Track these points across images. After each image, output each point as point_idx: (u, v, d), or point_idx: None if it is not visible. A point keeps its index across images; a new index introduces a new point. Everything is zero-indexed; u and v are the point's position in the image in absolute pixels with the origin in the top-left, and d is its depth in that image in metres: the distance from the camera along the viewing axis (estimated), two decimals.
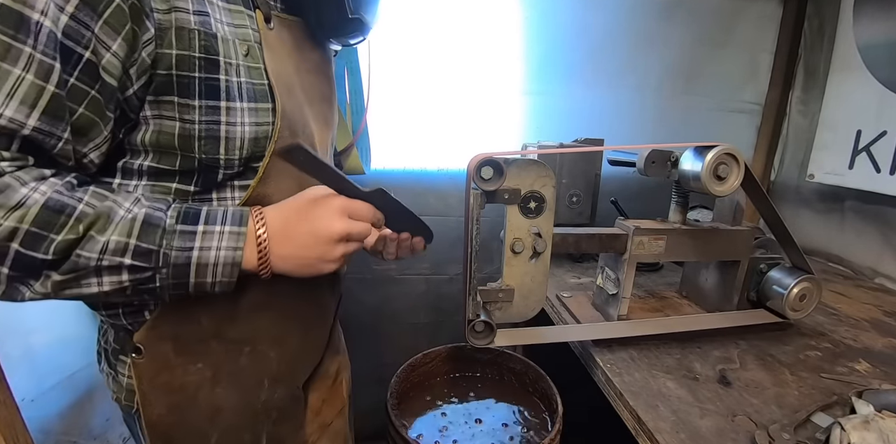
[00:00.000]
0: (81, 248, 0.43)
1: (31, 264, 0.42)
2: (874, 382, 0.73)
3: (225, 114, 0.51)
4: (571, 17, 1.38)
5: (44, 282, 0.43)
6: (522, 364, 0.99)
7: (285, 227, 0.52)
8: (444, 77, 1.34)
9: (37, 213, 0.41)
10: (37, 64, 0.40)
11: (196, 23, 0.48)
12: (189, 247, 0.47)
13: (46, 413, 0.93)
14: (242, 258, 0.49)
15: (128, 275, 0.46)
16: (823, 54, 1.38)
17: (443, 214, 1.44)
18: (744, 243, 0.86)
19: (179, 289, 0.48)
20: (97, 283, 0.45)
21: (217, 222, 0.49)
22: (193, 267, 0.47)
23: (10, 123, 0.40)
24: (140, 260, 0.45)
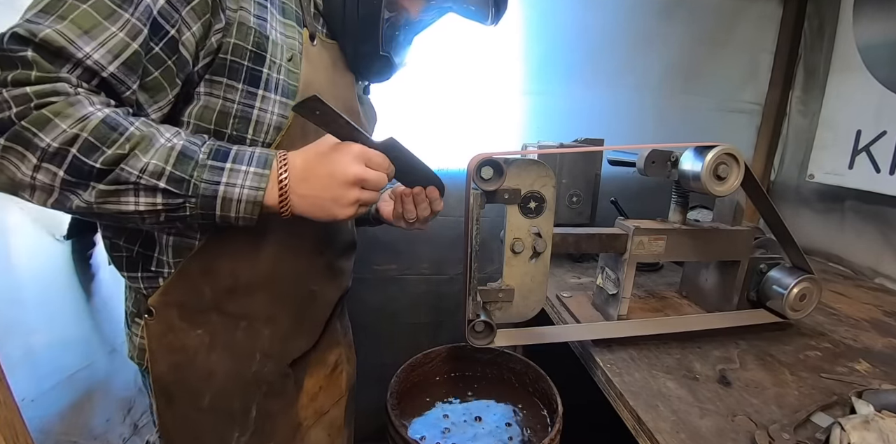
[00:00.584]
0: (126, 163, 0.48)
1: (82, 170, 0.47)
2: (874, 382, 0.73)
3: (260, 101, 0.60)
4: (571, 17, 1.38)
5: (90, 191, 0.48)
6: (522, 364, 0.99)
7: (305, 168, 0.56)
8: (443, 77, 1.34)
9: (96, 125, 0.47)
10: (130, 26, 0.49)
11: (254, 23, 0.59)
12: (216, 181, 0.52)
13: (46, 413, 0.93)
14: (264, 198, 0.54)
15: (161, 198, 0.50)
16: (823, 54, 1.38)
17: (443, 214, 1.41)
18: (744, 243, 0.86)
19: (207, 219, 0.53)
20: (134, 202, 0.50)
21: (244, 162, 0.54)
22: (219, 200, 0.52)
23: (94, 65, 0.49)
24: (173, 186, 0.50)
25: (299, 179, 0.56)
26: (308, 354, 0.81)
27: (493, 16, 0.76)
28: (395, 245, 1.43)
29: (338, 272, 0.82)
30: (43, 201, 0.49)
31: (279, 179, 0.55)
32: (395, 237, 1.42)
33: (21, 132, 0.45)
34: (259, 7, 0.60)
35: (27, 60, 0.46)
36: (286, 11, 0.64)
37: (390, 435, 0.86)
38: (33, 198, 0.49)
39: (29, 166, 0.46)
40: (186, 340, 0.66)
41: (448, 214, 1.44)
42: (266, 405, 0.73)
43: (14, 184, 0.47)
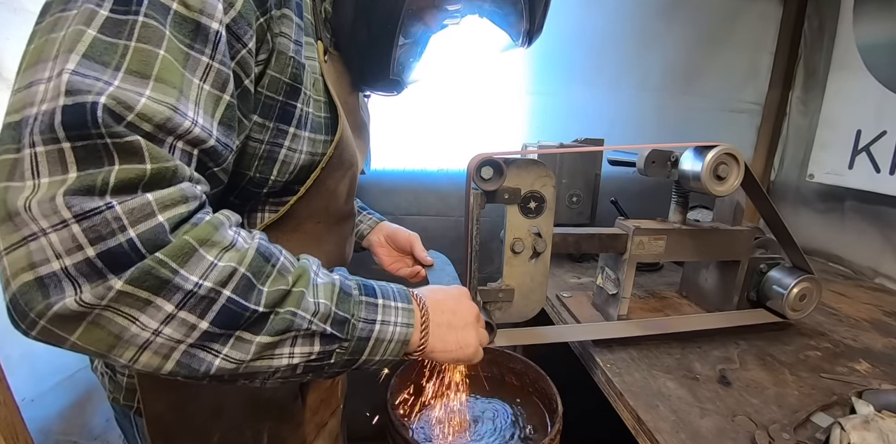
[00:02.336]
0: (297, 305, 0.39)
1: (238, 316, 0.36)
2: (874, 382, 0.73)
3: (290, 139, 0.52)
4: (572, 16, 1.38)
5: (240, 346, 0.37)
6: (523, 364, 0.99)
7: (436, 303, 0.53)
8: (444, 77, 1.34)
9: (253, 256, 0.38)
10: (214, 73, 0.39)
11: (293, 51, 0.49)
12: (373, 319, 0.46)
13: (46, 413, 0.93)
14: (412, 336, 0.48)
15: (318, 346, 0.42)
16: (823, 54, 1.38)
17: (443, 215, 1.44)
18: (744, 243, 0.86)
19: (345, 366, 0.46)
20: (289, 354, 0.40)
21: (390, 297, 0.49)
22: (371, 342, 0.45)
23: (202, 132, 0.37)
24: (336, 329, 0.42)
25: (433, 310, 0.52)
26: None
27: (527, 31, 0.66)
28: None
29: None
30: (154, 366, 0.35)
31: (422, 314, 0.50)
32: None
33: (155, 270, 0.32)
34: (297, 30, 0.50)
35: (134, 148, 0.32)
36: (306, 26, 0.54)
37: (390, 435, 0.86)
38: (136, 363, 0.34)
39: (155, 318, 0.33)
40: None
41: (448, 215, 1.44)
42: (277, 429, 0.68)
43: (114, 344, 0.33)
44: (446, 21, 0.66)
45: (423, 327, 0.50)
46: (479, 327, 0.57)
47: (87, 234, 0.31)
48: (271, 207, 0.58)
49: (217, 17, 0.38)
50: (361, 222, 0.93)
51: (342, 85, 0.65)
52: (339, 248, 0.71)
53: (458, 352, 0.53)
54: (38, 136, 0.30)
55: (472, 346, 0.54)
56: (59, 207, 0.30)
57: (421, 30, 0.64)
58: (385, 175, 1.38)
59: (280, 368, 0.40)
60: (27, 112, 0.31)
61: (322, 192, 0.60)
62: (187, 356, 0.36)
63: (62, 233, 0.30)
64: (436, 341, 0.51)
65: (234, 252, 0.37)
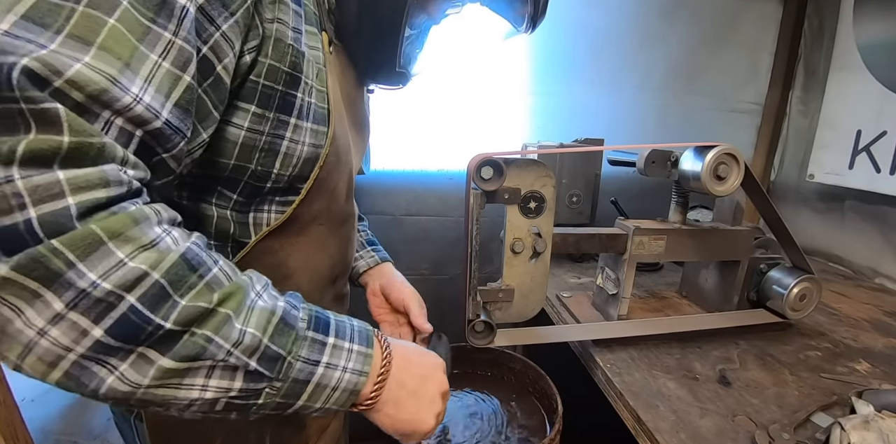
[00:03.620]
0: (215, 329, 0.33)
1: (137, 330, 0.30)
2: (874, 382, 0.73)
3: (291, 130, 0.50)
4: (573, 16, 1.38)
5: (139, 366, 0.31)
6: (522, 364, 0.99)
7: (405, 358, 0.47)
8: (444, 77, 1.34)
9: (175, 262, 0.32)
10: (176, 50, 0.35)
11: (291, 38, 0.47)
12: (315, 361, 0.39)
13: (46, 413, 0.93)
14: (364, 386, 0.42)
15: (241, 383, 0.36)
16: (823, 54, 1.38)
17: (443, 215, 1.44)
18: (744, 243, 0.86)
19: (278, 409, 0.40)
20: (201, 386, 0.34)
21: (346, 337, 0.42)
22: (311, 387, 0.39)
23: (146, 111, 0.33)
24: (265, 366, 0.36)
25: (399, 366, 0.45)
26: None
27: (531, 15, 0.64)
28: (395, 246, 1.43)
29: (344, 296, 0.79)
30: (41, 373, 0.30)
31: (383, 363, 0.43)
32: (394, 238, 1.42)
33: (46, 258, 0.28)
34: (295, 17, 0.48)
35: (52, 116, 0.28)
36: (308, 15, 0.52)
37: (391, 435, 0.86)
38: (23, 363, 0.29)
39: (42, 315, 0.28)
40: None
41: (448, 215, 1.44)
42: (280, 433, 0.66)
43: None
44: (448, 10, 0.65)
45: (379, 379, 0.43)
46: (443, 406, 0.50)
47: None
48: (277, 207, 0.57)
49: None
50: (361, 258, 0.86)
51: (347, 78, 0.64)
52: (342, 252, 0.70)
53: (408, 424, 0.46)
54: None
55: (427, 425, 0.47)
56: None
57: (423, 20, 0.64)
58: (385, 175, 1.38)
59: (191, 400, 0.34)
60: None
61: (323, 192, 0.59)
62: (77, 368, 0.30)
63: None
64: (388, 401, 0.44)
65: (151, 252, 0.31)
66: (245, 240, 0.55)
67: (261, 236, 0.55)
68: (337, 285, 0.73)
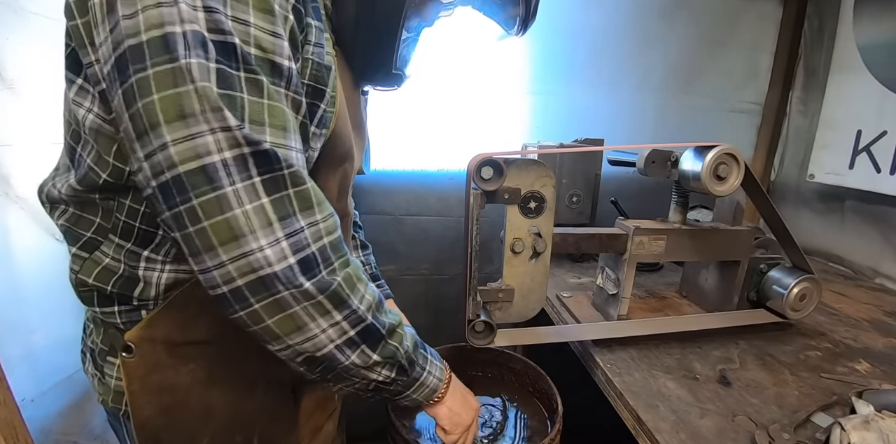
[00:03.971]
0: (401, 341, 0.54)
1: (371, 333, 0.50)
2: (874, 382, 0.73)
3: (312, 140, 0.54)
4: (573, 16, 1.38)
5: (360, 354, 0.50)
6: (522, 364, 0.99)
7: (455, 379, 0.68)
8: (444, 77, 1.34)
9: (375, 295, 0.52)
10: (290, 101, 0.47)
11: (312, 53, 0.51)
12: (423, 367, 0.59)
13: (46, 413, 0.93)
14: (440, 388, 0.62)
15: (395, 373, 0.55)
16: (823, 54, 1.38)
17: (443, 215, 1.44)
18: (744, 243, 0.86)
19: (394, 395, 0.58)
20: (380, 372, 0.53)
21: (433, 356, 0.62)
22: (418, 383, 0.58)
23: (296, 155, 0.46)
24: (408, 365, 0.56)
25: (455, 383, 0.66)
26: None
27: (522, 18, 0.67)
28: (395, 246, 1.43)
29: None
30: (314, 349, 0.47)
31: (448, 376, 0.65)
32: (394, 238, 1.42)
33: (339, 292, 0.46)
34: (318, 32, 0.52)
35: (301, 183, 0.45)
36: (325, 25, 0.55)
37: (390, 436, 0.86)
38: (304, 344, 0.47)
39: (328, 321, 0.46)
40: (177, 377, 0.57)
41: (448, 215, 1.44)
42: (269, 432, 0.67)
43: (293, 331, 0.46)
44: (440, 13, 0.66)
45: (445, 385, 0.63)
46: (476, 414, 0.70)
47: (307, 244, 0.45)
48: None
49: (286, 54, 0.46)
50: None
51: (344, 80, 0.65)
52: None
53: (460, 416, 0.66)
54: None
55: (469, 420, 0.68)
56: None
57: (417, 22, 0.65)
58: (385, 176, 1.38)
59: (371, 381, 0.53)
60: (211, 158, 0.40)
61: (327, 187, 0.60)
62: (334, 352, 0.49)
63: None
64: (451, 399, 0.65)
65: (367, 286, 0.50)
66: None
67: None
68: None
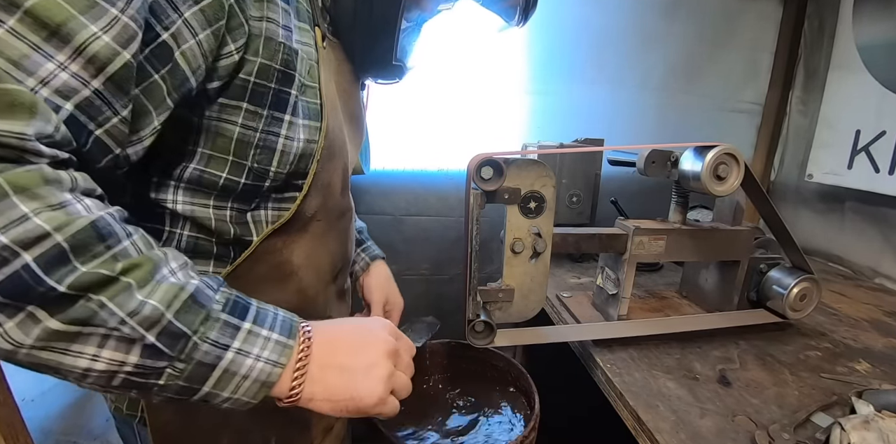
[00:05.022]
0: (110, 296, 0.32)
1: (27, 291, 0.29)
2: (874, 382, 0.73)
3: (286, 128, 0.51)
4: (573, 16, 1.38)
5: (25, 325, 0.30)
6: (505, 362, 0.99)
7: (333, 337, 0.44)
8: (444, 77, 1.34)
9: (82, 228, 0.31)
10: (119, 27, 0.34)
11: (283, 36, 0.49)
12: (224, 345, 0.37)
13: (46, 413, 0.93)
14: (279, 379, 0.39)
15: (137, 357, 0.34)
16: (823, 54, 1.38)
17: (443, 215, 1.44)
18: (744, 243, 0.86)
19: (181, 395, 0.37)
20: (91, 356, 0.33)
21: (266, 324, 0.40)
22: (218, 372, 0.37)
23: (72, 79, 0.33)
24: (164, 342, 0.34)
25: (321, 347, 0.43)
26: None
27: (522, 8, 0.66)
28: (395, 246, 1.43)
29: (347, 293, 0.79)
30: None
31: (299, 352, 0.41)
32: (395, 238, 1.42)
33: None
34: (285, 15, 0.49)
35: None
36: (300, 12, 0.54)
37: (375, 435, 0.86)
38: None
39: None
40: None
41: (448, 215, 1.44)
42: (285, 433, 0.66)
43: None
44: (440, 6, 0.66)
45: (297, 368, 0.40)
46: (394, 369, 0.45)
47: None
48: (275, 204, 0.57)
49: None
50: (355, 264, 0.88)
51: (343, 73, 0.65)
52: (342, 246, 0.71)
53: (348, 403, 0.42)
54: None
55: (371, 397, 0.43)
56: None
57: (416, 14, 0.64)
58: (385, 175, 1.38)
59: (82, 370, 0.33)
60: None
61: (319, 187, 0.60)
62: None
63: None
64: (316, 387, 0.41)
65: (58, 213, 0.30)
66: (247, 238, 0.56)
67: (264, 235, 0.55)
68: (339, 281, 0.73)
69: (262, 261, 0.55)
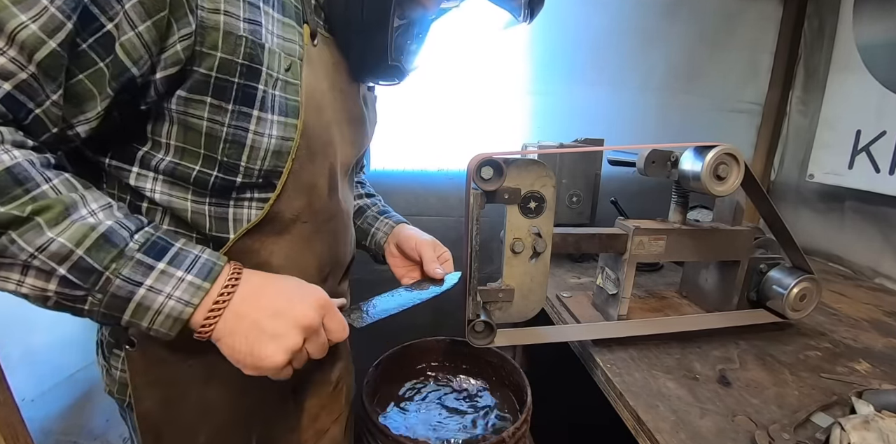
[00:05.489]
0: (20, 233, 0.37)
1: None
2: (874, 382, 0.73)
3: (255, 123, 0.51)
4: (574, 16, 1.38)
5: None
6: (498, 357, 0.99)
7: (258, 291, 0.48)
8: (444, 76, 1.34)
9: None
10: (47, 17, 0.38)
11: (245, 30, 0.48)
12: (137, 282, 0.42)
13: (46, 413, 0.93)
14: (191, 316, 0.44)
15: (56, 286, 0.40)
16: (823, 54, 1.38)
17: (443, 215, 1.44)
18: (744, 243, 0.86)
19: (109, 320, 0.43)
20: (17, 281, 0.40)
21: (182, 266, 0.44)
22: (132, 305, 0.42)
23: (10, 63, 0.37)
24: (76, 276, 0.40)
25: (245, 298, 0.46)
26: (312, 373, 0.76)
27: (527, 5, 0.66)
28: None
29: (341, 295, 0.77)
30: None
31: (219, 295, 0.45)
32: None
33: None
34: (250, 8, 0.49)
35: None
36: (286, 7, 0.54)
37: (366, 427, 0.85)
38: None
39: None
40: (177, 373, 0.58)
41: (448, 215, 1.44)
42: (268, 432, 0.67)
43: None
44: (445, 4, 0.65)
45: (213, 309, 0.45)
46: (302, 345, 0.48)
47: None
48: (257, 204, 0.57)
49: None
50: (378, 230, 0.85)
51: (339, 71, 0.64)
52: (331, 250, 0.69)
53: (246, 358, 0.46)
54: None
55: (269, 359, 0.46)
56: None
57: (418, 12, 0.63)
58: (385, 175, 1.38)
59: (13, 291, 0.40)
60: None
61: (301, 187, 0.59)
62: None
63: None
64: (225, 332, 0.46)
65: None
66: (223, 235, 0.55)
67: (239, 234, 0.55)
68: (328, 284, 0.71)
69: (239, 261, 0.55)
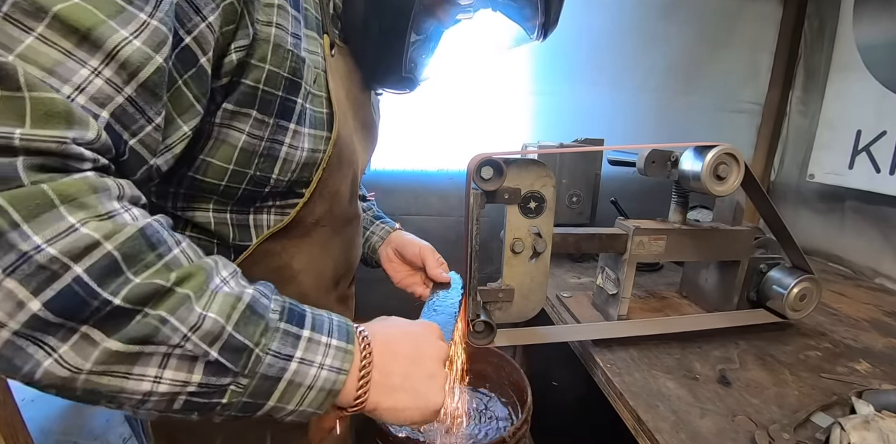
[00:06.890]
0: (170, 310, 0.30)
1: (81, 305, 0.27)
2: (874, 382, 0.73)
3: (290, 136, 0.51)
4: (574, 17, 1.37)
5: (81, 347, 0.28)
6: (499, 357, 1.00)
7: (389, 342, 0.43)
8: (444, 77, 1.34)
9: (130, 235, 0.29)
10: (150, 31, 0.33)
11: (291, 44, 0.48)
12: (288, 355, 0.35)
13: (46, 413, 0.93)
14: (343, 386, 0.38)
15: (201, 376, 0.32)
16: (823, 54, 1.38)
17: (443, 215, 1.44)
18: (744, 243, 0.86)
19: (245, 412, 0.36)
20: (153, 379, 0.31)
21: (324, 331, 0.39)
22: (283, 384, 0.35)
23: (106, 85, 0.31)
24: (227, 357, 0.32)
25: (383, 353, 0.41)
26: None
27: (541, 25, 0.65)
28: None
29: (348, 298, 0.79)
30: None
31: (362, 357, 0.39)
32: None
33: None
34: (294, 22, 0.48)
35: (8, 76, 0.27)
36: (308, 19, 0.53)
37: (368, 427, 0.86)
38: None
39: None
40: None
41: (448, 215, 1.44)
42: (281, 433, 0.66)
43: None
44: (459, 16, 0.65)
45: (362, 375, 0.39)
46: (445, 373, 0.45)
47: None
48: (277, 210, 0.57)
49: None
50: (373, 234, 0.86)
51: (353, 81, 0.64)
52: (345, 253, 0.70)
53: (413, 413, 0.41)
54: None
55: (435, 404, 0.42)
56: None
57: (433, 25, 0.63)
58: (385, 175, 1.38)
59: (143, 394, 0.31)
60: None
61: (325, 194, 0.59)
62: (10, 347, 0.26)
63: None
64: (381, 396, 0.40)
65: (107, 223, 0.29)
66: (246, 243, 0.55)
67: (262, 239, 0.55)
68: (340, 287, 0.73)
69: (261, 264, 0.55)
